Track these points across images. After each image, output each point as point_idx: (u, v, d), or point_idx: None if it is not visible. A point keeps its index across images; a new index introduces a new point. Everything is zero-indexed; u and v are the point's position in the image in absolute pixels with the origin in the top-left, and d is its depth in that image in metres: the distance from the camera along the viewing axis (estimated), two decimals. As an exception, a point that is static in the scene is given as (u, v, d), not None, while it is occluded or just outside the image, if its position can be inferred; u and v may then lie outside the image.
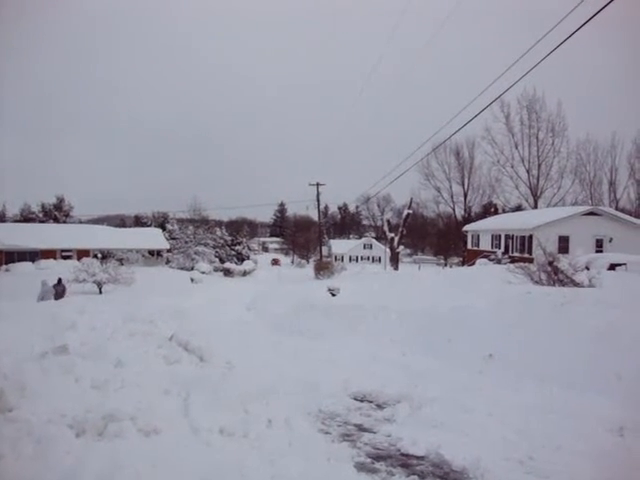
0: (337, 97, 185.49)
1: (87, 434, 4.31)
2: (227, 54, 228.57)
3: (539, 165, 61.87)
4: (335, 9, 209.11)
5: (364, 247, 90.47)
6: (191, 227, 62.98)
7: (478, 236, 46.58)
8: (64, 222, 68.24)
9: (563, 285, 14.86)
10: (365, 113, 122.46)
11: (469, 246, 49.15)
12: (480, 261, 38.75)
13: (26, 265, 43.81)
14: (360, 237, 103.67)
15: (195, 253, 56.98)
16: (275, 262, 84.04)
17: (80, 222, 71.83)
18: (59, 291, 19.93)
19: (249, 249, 72.25)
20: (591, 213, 36.46)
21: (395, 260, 49.65)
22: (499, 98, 17.14)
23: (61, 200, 73.58)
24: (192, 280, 38.29)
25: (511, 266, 18.06)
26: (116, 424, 4.35)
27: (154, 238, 58.94)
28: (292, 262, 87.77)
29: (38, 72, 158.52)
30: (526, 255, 34.30)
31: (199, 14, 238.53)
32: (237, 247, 68.16)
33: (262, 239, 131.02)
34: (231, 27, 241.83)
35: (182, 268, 52.57)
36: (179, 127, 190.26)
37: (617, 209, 50.50)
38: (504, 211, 64.47)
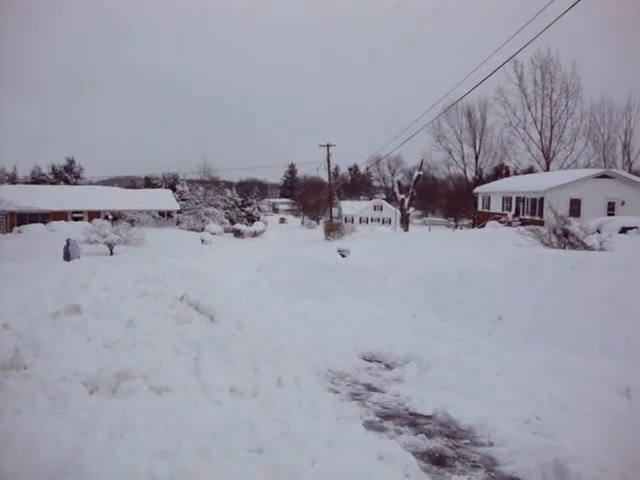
0: (348, 56, 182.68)
1: (100, 391, 4.39)
2: (232, 13, 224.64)
3: (552, 127, 60.59)
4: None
5: (374, 209, 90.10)
6: (201, 188, 62.84)
7: (489, 198, 46.22)
8: (75, 184, 68.26)
9: (574, 248, 14.80)
10: (376, 73, 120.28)
11: (480, 208, 48.83)
12: (490, 223, 38.57)
13: (38, 226, 44.09)
14: (370, 198, 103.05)
15: (205, 214, 56.95)
16: (282, 221, 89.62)
17: (91, 184, 71.84)
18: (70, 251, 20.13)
19: (259, 210, 72.14)
20: (604, 176, 35.96)
21: (405, 222, 49.71)
22: (512, 58, 16.75)
23: (71, 162, 73.53)
24: (202, 241, 38.40)
25: (522, 229, 18.01)
26: (128, 382, 4.42)
27: (164, 199, 59.02)
28: (302, 223, 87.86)
29: (49, 36, 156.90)
30: (537, 218, 34.09)
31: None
32: (247, 208, 68.05)
33: (272, 200, 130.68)
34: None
35: (192, 229, 52.60)
36: (189, 89, 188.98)
37: (630, 172, 49.63)
38: (515, 173, 63.62)
